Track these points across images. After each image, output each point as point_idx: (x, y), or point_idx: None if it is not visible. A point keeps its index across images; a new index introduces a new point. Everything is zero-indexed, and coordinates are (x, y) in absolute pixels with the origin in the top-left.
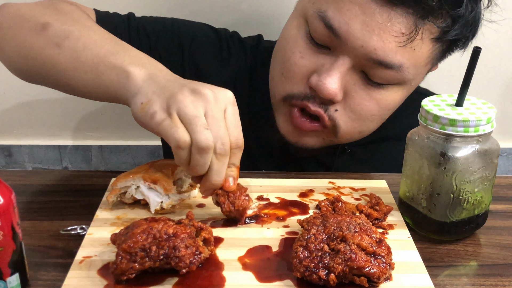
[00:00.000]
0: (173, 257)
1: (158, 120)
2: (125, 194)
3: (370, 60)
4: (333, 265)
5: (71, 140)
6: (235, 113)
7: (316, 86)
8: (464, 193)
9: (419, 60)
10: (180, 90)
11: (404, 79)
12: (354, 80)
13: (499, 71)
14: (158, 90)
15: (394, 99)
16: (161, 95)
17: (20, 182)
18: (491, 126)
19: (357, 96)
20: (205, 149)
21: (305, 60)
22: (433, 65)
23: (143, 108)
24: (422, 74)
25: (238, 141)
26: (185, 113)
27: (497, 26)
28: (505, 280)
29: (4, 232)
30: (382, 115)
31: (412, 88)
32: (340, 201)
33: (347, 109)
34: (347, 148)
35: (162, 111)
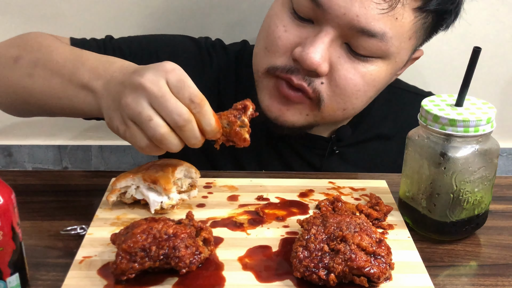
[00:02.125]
0: (173, 257)
1: (122, 134)
2: (125, 194)
3: (353, 29)
4: (333, 265)
5: (71, 140)
6: (179, 76)
7: (299, 57)
8: (464, 193)
9: (401, 31)
10: (122, 93)
11: (388, 50)
12: (338, 53)
13: (499, 71)
14: (111, 103)
15: (379, 75)
16: (114, 108)
17: (20, 182)
18: (491, 126)
19: (342, 69)
20: (160, 139)
21: (288, 33)
22: (417, 41)
23: (109, 125)
24: (406, 50)
25: (194, 98)
26: (132, 115)
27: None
28: (505, 280)
29: (4, 232)
30: (366, 91)
31: (397, 65)
32: (340, 201)
33: (332, 83)
34: (335, 149)
35: (120, 123)
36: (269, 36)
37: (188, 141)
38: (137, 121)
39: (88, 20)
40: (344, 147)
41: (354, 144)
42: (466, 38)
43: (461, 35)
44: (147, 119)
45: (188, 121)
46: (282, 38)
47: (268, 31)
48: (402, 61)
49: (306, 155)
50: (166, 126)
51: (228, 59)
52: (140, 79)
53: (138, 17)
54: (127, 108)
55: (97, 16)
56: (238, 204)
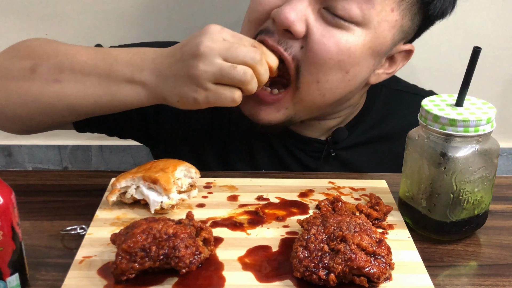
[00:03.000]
0: (173, 257)
1: (202, 100)
2: (125, 194)
3: None
4: (333, 265)
5: (71, 140)
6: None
7: (275, 14)
8: (464, 193)
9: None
10: (188, 66)
11: (369, 17)
12: (315, 16)
13: (499, 71)
14: (173, 82)
15: (355, 44)
16: (181, 83)
17: (20, 182)
18: (491, 126)
19: (317, 33)
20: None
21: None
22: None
23: (183, 103)
24: (388, 24)
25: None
26: (211, 76)
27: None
28: (505, 280)
29: (4, 232)
30: (340, 61)
31: (377, 39)
32: (340, 201)
33: (307, 48)
34: (332, 152)
35: (198, 93)
36: (252, 5)
37: (261, 76)
38: (219, 77)
39: (89, 20)
40: (341, 149)
41: (351, 147)
42: (466, 38)
43: (461, 35)
44: (231, 68)
45: (262, 55)
46: (263, 3)
47: (252, 1)
48: (384, 37)
49: (302, 158)
50: (248, 68)
51: None
52: (200, 45)
53: (138, 17)
54: (203, 73)
55: (97, 16)
56: (238, 204)
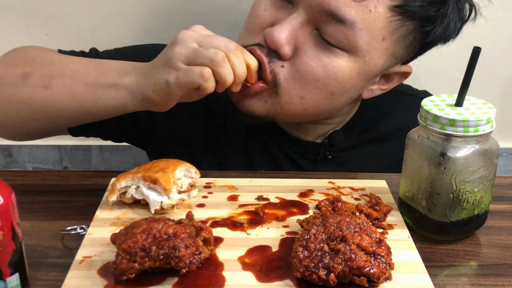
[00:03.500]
0: (173, 257)
1: (173, 81)
2: (125, 194)
3: (322, 12)
4: (333, 265)
5: (71, 140)
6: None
7: (266, 34)
8: (464, 193)
9: (373, 26)
10: (165, 53)
11: (356, 43)
12: (305, 38)
13: (499, 71)
14: (152, 73)
15: (343, 70)
16: (156, 71)
17: (20, 182)
18: (491, 126)
19: (304, 55)
20: (221, 59)
21: (267, 12)
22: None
23: (157, 92)
24: (379, 52)
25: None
26: (184, 57)
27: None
28: (505, 280)
29: (4, 232)
30: (327, 84)
31: (366, 66)
32: (340, 201)
33: (292, 68)
34: (328, 154)
35: (169, 74)
36: (251, 15)
37: (236, 68)
38: (192, 57)
39: (89, 20)
40: (337, 152)
41: (347, 149)
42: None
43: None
44: (202, 50)
45: (237, 47)
46: (260, 17)
47: (251, 11)
48: (374, 64)
49: (299, 161)
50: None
51: None
52: (179, 34)
53: (138, 17)
54: (177, 54)
55: (97, 16)
56: (238, 204)
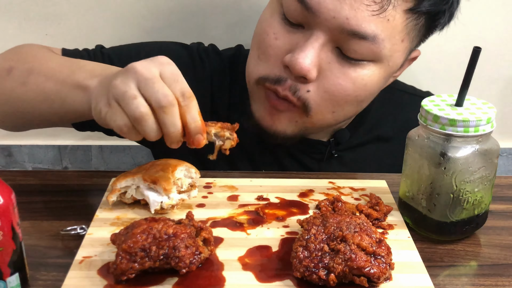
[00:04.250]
0: (173, 257)
1: (103, 115)
2: (125, 194)
3: (343, 32)
4: (333, 265)
5: (71, 140)
6: (173, 71)
7: (289, 62)
8: (464, 193)
9: (393, 33)
10: (113, 78)
11: (380, 53)
12: (329, 58)
13: (499, 71)
14: (101, 90)
15: (371, 79)
16: (102, 92)
17: (20, 182)
18: (491, 126)
19: (331, 75)
20: (138, 116)
21: (279, 41)
22: (411, 44)
23: (95, 112)
24: (400, 53)
25: (184, 92)
26: (117, 94)
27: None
28: (505, 280)
29: (4, 232)
30: (358, 96)
31: (390, 68)
32: (340, 201)
33: (320, 89)
34: (334, 153)
35: (103, 105)
36: (261, 44)
37: (167, 127)
38: (120, 100)
39: (89, 20)
40: (343, 150)
41: (353, 147)
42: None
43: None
44: (131, 97)
45: (172, 104)
46: (273, 46)
47: (259, 40)
48: (396, 65)
49: (304, 160)
50: (148, 107)
51: (222, 64)
52: (133, 64)
53: (138, 17)
54: (114, 88)
55: (97, 16)
56: (238, 204)
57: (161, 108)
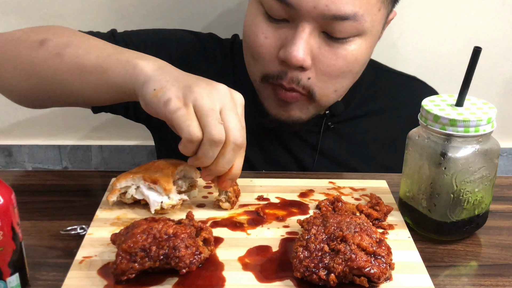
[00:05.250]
0: (173, 257)
1: (173, 108)
2: (125, 194)
3: (326, 18)
4: (333, 265)
5: (71, 140)
6: (243, 115)
7: (284, 58)
8: (464, 193)
9: (370, 6)
10: (195, 82)
11: (363, 27)
12: (318, 43)
13: (499, 71)
14: (171, 79)
15: (360, 52)
16: (176, 84)
17: (20, 182)
18: (492, 126)
19: (324, 58)
20: (217, 142)
21: (269, 39)
22: (387, 9)
23: (156, 95)
24: (379, 21)
25: (244, 141)
26: (201, 104)
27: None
28: (505, 280)
29: (4, 232)
30: (352, 69)
31: (374, 37)
32: (340, 201)
33: (318, 73)
34: (330, 124)
35: (177, 100)
36: (252, 45)
37: (221, 164)
38: (203, 113)
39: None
40: (338, 123)
41: (347, 120)
42: (466, 38)
43: (461, 35)
44: (217, 119)
45: (240, 147)
46: (265, 45)
47: (249, 41)
48: (378, 31)
49: (302, 133)
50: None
51: (224, 52)
52: (222, 86)
53: (138, 17)
54: (199, 95)
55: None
56: (238, 204)
57: (233, 144)
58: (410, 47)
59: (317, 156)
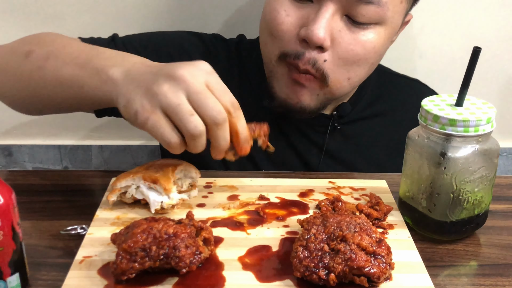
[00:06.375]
0: (173, 257)
1: (142, 120)
2: (125, 194)
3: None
4: (333, 265)
5: (71, 140)
6: (218, 81)
7: (306, 35)
8: (464, 193)
9: None
10: (155, 81)
11: (385, 15)
12: (339, 26)
13: (499, 71)
14: (134, 87)
15: (378, 41)
16: (139, 91)
17: (20, 182)
18: (491, 126)
19: (343, 42)
20: (197, 135)
21: (290, 17)
22: (408, 4)
23: (126, 111)
24: (399, 14)
25: (233, 103)
26: (167, 104)
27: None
28: (505, 280)
29: (4, 232)
30: (368, 59)
31: (393, 30)
32: (340, 201)
33: (335, 57)
34: (337, 125)
35: (143, 110)
36: (272, 22)
37: (218, 142)
38: (173, 113)
39: (89, 20)
40: (345, 124)
41: (354, 121)
42: (466, 38)
43: (461, 35)
44: (187, 113)
45: (225, 120)
46: (285, 22)
47: (270, 18)
48: (397, 25)
49: (309, 133)
50: (203, 125)
51: (229, 52)
52: (180, 70)
53: (138, 17)
54: (162, 96)
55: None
56: (239, 204)
57: (216, 125)
58: (410, 47)
59: (323, 156)
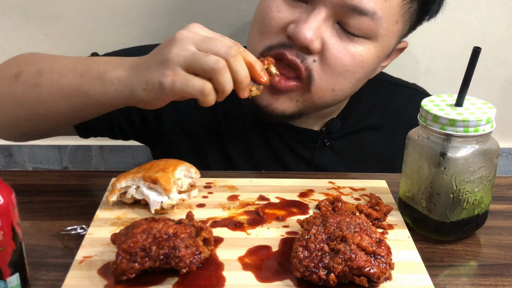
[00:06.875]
0: (173, 257)
1: (169, 85)
2: (125, 194)
3: (345, 7)
4: (333, 265)
5: (71, 140)
6: (212, 31)
7: (292, 33)
8: (464, 193)
9: (390, 12)
10: (161, 53)
11: (377, 31)
12: (330, 32)
13: (499, 71)
14: (145, 71)
15: (368, 56)
16: (151, 70)
17: (20, 182)
18: (491, 126)
19: (333, 48)
20: (221, 67)
21: (282, 13)
22: (403, 27)
23: (148, 91)
24: (393, 34)
25: (235, 42)
26: (183, 59)
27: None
28: (505, 280)
29: (4, 232)
30: (354, 72)
31: (384, 48)
32: (340, 201)
33: (323, 61)
34: (326, 142)
35: (165, 76)
36: (263, 18)
37: (239, 74)
38: (191, 62)
39: (89, 20)
40: (335, 139)
41: (344, 136)
42: (466, 38)
43: (461, 35)
44: (205, 55)
45: (238, 52)
46: (276, 18)
47: (262, 14)
48: (389, 45)
49: (297, 149)
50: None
51: None
52: (177, 33)
53: (138, 17)
54: (175, 56)
55: (97, 16)
56: (239, 204)
57: (232, 57)
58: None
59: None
